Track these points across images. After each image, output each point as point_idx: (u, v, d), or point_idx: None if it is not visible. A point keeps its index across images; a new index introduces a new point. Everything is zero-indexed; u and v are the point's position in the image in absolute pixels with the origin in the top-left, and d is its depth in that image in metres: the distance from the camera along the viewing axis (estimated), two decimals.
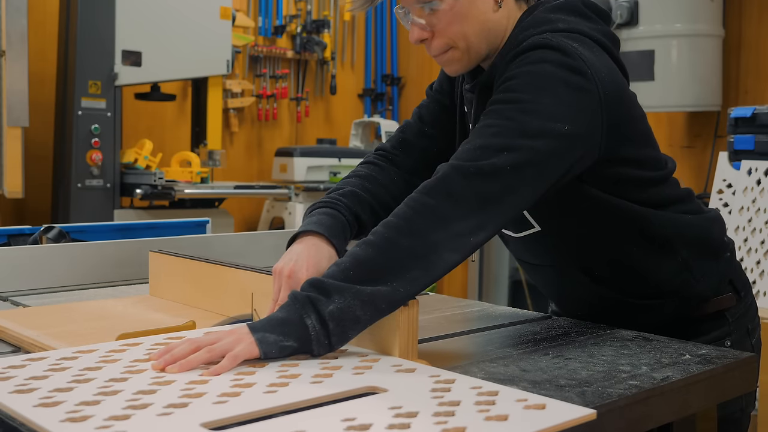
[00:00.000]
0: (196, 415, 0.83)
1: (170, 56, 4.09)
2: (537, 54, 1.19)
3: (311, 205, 1.33)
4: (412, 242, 1.08)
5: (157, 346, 1.08)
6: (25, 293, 1.64)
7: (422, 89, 5.70)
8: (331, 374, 0.98)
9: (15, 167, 3.66)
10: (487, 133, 1.16)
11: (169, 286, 1.54)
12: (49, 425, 0.79)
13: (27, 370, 0.99)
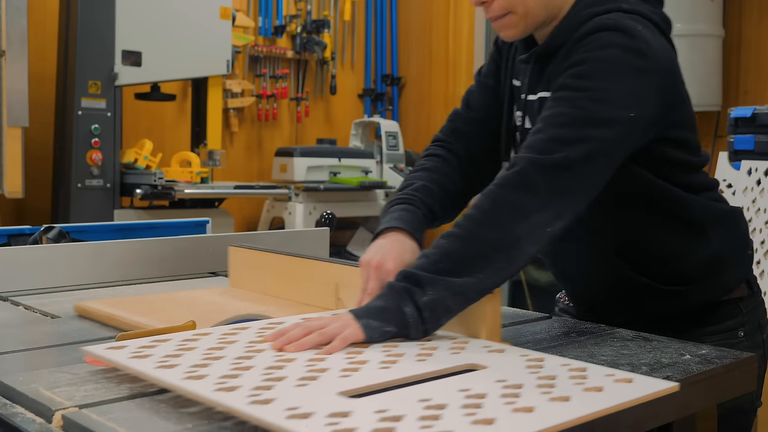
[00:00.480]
0: (328, 386, 0.91)
1: (170, 56, 4.09)
2: (605, 37, 1.23)
3: (389, 202, 1.40)
4: (495, 235, 1.15)
5: (263, 330, 1.18)
6: (25, 293, 1.64)
7: (422, 89, 5.71)
8: (431, 354, 1.06)
9: (15, 167, 3.67)
10: (559, 123, 1.21)
11: (250, 278, 1.62)
12: (204, 393, 0.88)
13: (158, 349, 1.06)
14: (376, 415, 0.82)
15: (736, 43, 4.41)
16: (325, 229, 2.14)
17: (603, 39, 1.23)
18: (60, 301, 1.56)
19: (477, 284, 1.14)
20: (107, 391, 0.94)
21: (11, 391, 0.95)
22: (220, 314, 1.33)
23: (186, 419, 0.86)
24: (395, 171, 5.18)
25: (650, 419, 1.00)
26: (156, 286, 1.76)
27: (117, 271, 1.80)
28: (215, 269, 1.95)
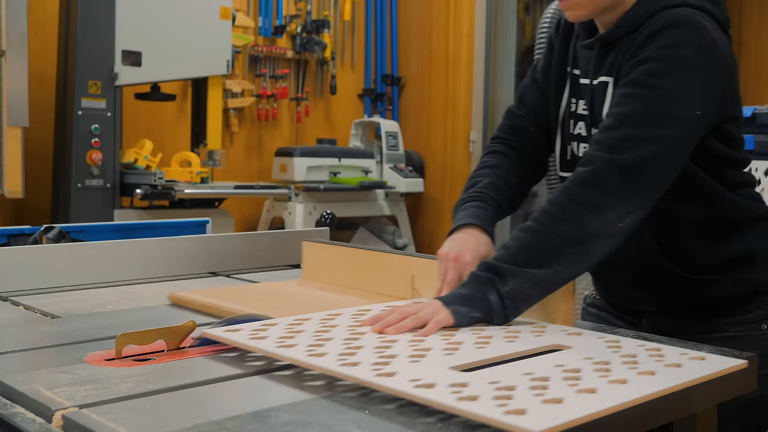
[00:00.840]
0: (438, 362, 1.01)
1: (170, 56, 4.09)
2: (678, 34, 1.28)
3: (460, 200, 1.51)
4: (570, 230, 1.23)
5: (355, 316, 1.28)
6: (25, 293, 1.64)
7: (422, 89, 5.71)
8: (517, 336, 1.17)
9: (15, 167, 3.67)
10: (633, 121, 1.27)
11: (323, 271, 1.72)
12: (331, 367, 0.98)
13: (271, 332, 1.16)
14: (491, 385, 0.92)
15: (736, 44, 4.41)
16: (325, 229, 2.14)
17: (676, 36, 1.28)
18: (60, 301, 1.56)
19: (554, 276, 1.23)
20: (107, 391, 0.94)
21: (11, 391, 0.95)
22: (307, 302, 1.47)
23: (187, 418, 0.86)
24: (395, 171, 5.18)
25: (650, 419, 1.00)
26: (156, 286, 1.76)
27: (117, 271, 1.80)
28: (215, 269, 1.95)
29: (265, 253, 2.03)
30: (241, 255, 1.99)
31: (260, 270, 2.01)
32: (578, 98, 1.48)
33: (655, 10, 1.33)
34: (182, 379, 1.01)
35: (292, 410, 0.88)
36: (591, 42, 1.43)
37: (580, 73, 1.47)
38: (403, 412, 0.89)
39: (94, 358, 1.12)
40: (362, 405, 0.91)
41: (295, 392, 0.96)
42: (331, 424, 0.84)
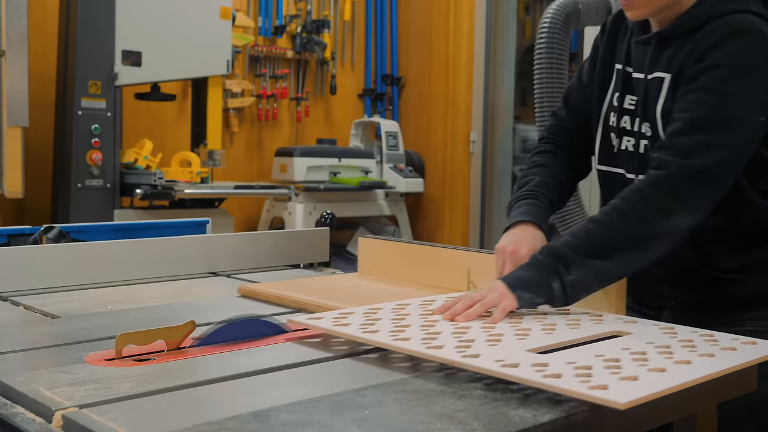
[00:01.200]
0: (514, 346, 1.09)
1: (170, 56, 4.09)
2: (744, 42, 1.33)
3: (514, 197, 1.57)
4: (639, 229, 1.31)
5: (423, 305, 1.37)
6: (25, 293, 1.64)
7: (422, 89, 5.71)
8: (579, 323, 1.25)
9: (15, 167, 3.67)
10: (703, 127, 1.33)
11: (379, 266, 1.79)
12: (419, 349, 1.06)
13: (352, 319, 1.25)
14: (569, 365, 0.99)
15: None
16: (325, 229, 2.14)
17: (743, 43, 1.33)
18: (60, 301, 1.56)
19: (614, 269, 1.32)
20: (107, 391, 0.94)
21: (11, 391, 0.95)
22: (371, 294, 1.56)
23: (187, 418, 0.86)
24: (395, 171, 5.18)
25: (650, 419, 1.00)
26: (156, 286, 1.76)
27: (117, 271, 1.80)
28: (215, 269, 1.95)
29: (265, 253, 2.03)
30: (241, 255, 1.99)
31: (260, 270, 2.01)
32: (625, 93, 1.52)
33: (717, 14, 1.38)
34: (182, 379, 1.01)
35: (292, 410, 0.88)
36: (648, 37, 1.47)
37: (632, 68, 1.52)
38: (403, 412, 0.89)
39: (94, 358, 1.12)
40: (441, 389, 0.91)
41: (299, 390, 0.96)
42: (331, 424, 0.84)
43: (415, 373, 1.05)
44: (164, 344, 1.16)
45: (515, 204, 1.56)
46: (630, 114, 1.51)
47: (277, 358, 1.13)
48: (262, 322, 1.25)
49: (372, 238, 1.84)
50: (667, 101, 1.43)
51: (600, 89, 1.59)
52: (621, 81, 1.53)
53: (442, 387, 0.99)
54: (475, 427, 0.84)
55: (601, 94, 1.59)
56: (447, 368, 1.08)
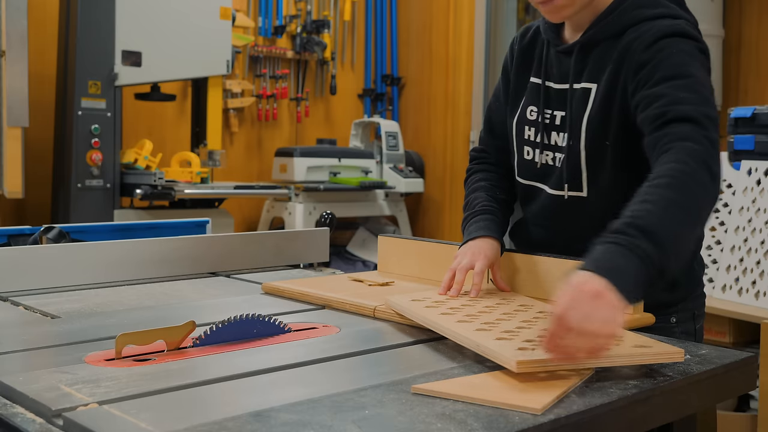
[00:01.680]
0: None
1: (170, 56, 4.09)
2: (676, 43, 1.37)
3: (467, 215, 1.60)
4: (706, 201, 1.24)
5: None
6: (25, 293, 1.64)
7: (422, 89, 5.71)
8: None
9: (15, 167, 3.67)
10: (698, 101, 1.31)
11: (398, 264, 1.82)
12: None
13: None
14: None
15: (736, 43, 4.42)
16: (325, 229, 2.14)
17: (678, 44, 1.37)
18: (60, 301, 1.56)
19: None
20: (107, 391, 0.94)
21: (11, 391, 0.95)
22: (394, 291, 1.59)
23: (187, 418, 0.86)
24: (395, 171, 5.18)
25: (650, 419, 1.00)
26: (156, 286, 1.76)
27: (117, 271, 1.80)
28: (215, 269, 1.95)
29: (265, 253, 2.03)
30: (241, 255, 1.99)
31: (260, 270, 2.01)
32: (543, 107, 1.55)
33: (636, 21, 1.42)
34: (182, 379, 1.01)
35: (292, 410, 0.88)
36: (570, 46, 1.50)
37: (553, 80, 1.54)
38: (402, 412, 0.89)
39: (94, 358, 1.12)
40: (371, 401, 0.91)
41: (299, 390, 0.96)
42: (331, 424, 0.84)
43: (416, 372, 1.05)
44: (164, 344, 1.16)
45: (470, 220, 1.58)
46: (546, 128, 1.54)
47: (277, 358, 1.13)
48: (263, 322, 1.25)
49: (391, 236, 1.86)
50: (593, 111, 1.45)
51: (513, 103, 1.62)
52: (536, 94, 1.56)
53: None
54: (475, 427, 0.84)
55: (514, 107, 1.62)
56: (447, 368, 1.08)
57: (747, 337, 2.94)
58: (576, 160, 1.48)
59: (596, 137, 1.45)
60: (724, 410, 2.90)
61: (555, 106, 1.53)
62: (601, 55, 1.45)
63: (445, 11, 5.53)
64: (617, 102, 1.42)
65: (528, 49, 1.61)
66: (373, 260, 4.98)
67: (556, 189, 1.53)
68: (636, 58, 1.39)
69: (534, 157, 1.57)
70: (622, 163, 1.45)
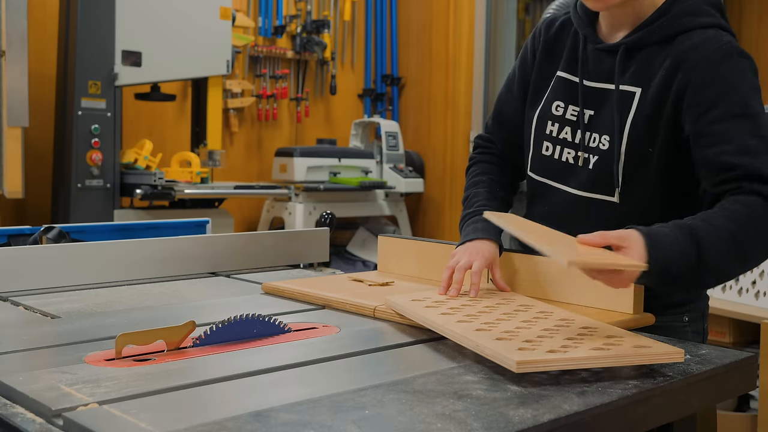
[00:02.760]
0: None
1: (170, 56, 4.09)
2: (736, 62, 1.37)
3: (465, 214, 1.60)
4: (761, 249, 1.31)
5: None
6: (25, 293, 1.64)
7: (422, 89, 5.71)
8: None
9: (15, 167, 3.67)
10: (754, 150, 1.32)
11: (398, 264, 1.82)
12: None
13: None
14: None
15: None
16: (325, 229, 2.14)
17: (739, 65, 1.37)
18: (60, 301, 1.56)
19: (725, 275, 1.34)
20: (107, 391, 0.94)
21: (11, 391, 0.95)
22: (394, 291, 1.58)
23: (187, 418, 0.86)
24: (395, 171, 5.18)
25: (650, 419, 1.00)
26: (156, 286, 1.76)
27: (117, 271, 1.80)
28: (215, 269, 1.95)
29: (265, 253, 2.03)
30: (241, 255, 1.99)
31: (260, 270, 2.01)
32: (569, 103, 1.51)
33: (688, 28, 1.41)
34: (182, 379, 1.01)
35: (292, 410, 0.88)
36: (613, 46, 1.47)
37: (587, 77, 1.50)
38: (402, 412, 0.89)
39: (94, 358, 1.12)
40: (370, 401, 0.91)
41: (299, 390, 0.96)
42: (331, 424, 0.84)
43: (416, 372, 1.05)
44: (164, 344, 1.16)
45: (468, 220, 1.57)
46: (571, 125, 1.50)
47: (277, 358, 1.13)
48: (263, 322, 1.25)
49: (391, 236, 1.86)
50: (637, 115, 1.42)
51: (534, 95, 1.58)
52: (565, 90, 1.52)
53: (442, 387, 0.99)
54: (475, 427, 0.84)
55: (535, 100, 1.58)
56: (447, 368, 1.08)
57: (747, 337, 2.94)
58: (613, 162, 1.44)
59: (639, 143, 1.42)
60: (724, 410, 2.90)
61: (585, 104, 1.49)
62: (648, 59, 1.43)
63: (445, 11, 5.53)
64: (667, 110, 1.40)
65: (554, 42, 1.57)
66: (373, 260, 4.98)
67: (581, 189, 1.49)
68: (697, 73, 1.37)
69: (554, 154, 1.53)
70: (662, 173, 1.43)
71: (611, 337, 1.13)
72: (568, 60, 1.54)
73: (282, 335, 1.26)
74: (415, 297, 1.41)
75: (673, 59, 1.40)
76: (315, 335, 1.28)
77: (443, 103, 5.57)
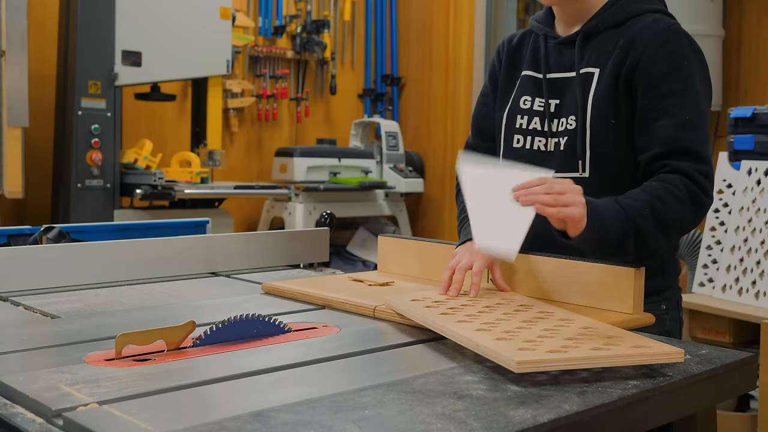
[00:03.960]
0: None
1: (170, 56, 4.09)
2: (682, 43, 1.52)
3: (463, 217, 1.64)
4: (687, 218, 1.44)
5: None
6: (25, 293, 1.64)
7: (422, 89, 5.71)
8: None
9: (15, 167, 3.67)
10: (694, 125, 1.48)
11: (399, 264, 1.82)
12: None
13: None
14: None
15: (736, 43, 4.41)
16: (325, 229, 2.14)
17: (682, 44, 1.51)
18: (60, 301, 1.56)
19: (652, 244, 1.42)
20: (107, 391, 0.94)
21: (11, 391, 0.95)
22: (394, 291, 1.58)
23: (187, 418, 0.86)
24: (395, 171, 5.18)
25: (650, 419, 1.00)
26: (156, 286, 1.76)
27: (117, 271, 1.80)
28: (215, 269, 1.95)
29: (265, 253, 2.03)
30: (241, 255, 1.99)
31: (260, 270, 2.01)
32: (535, 96, 1.63)
33: (637, 12, 1.57)
34: (182, 379, 1.01)
35: (292, 410, 0.88)
36: (571, 37, 1.61)
37: (551, 71, 1.62)
38: (402, 412, 0.89)
39: (94, 358, 1.12)
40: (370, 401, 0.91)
41: (299, 390, 0.96)
42: (331, 424, 0.84)
43: (416, 372, 1.05)
44: (164, 344, 1.16)
45: (467, 222, 1.59)
46: (539, 115, 1.61)
47: (277, 358, 1.13)
48: (263, 322, 1.25)
49: (391, 236, 1.87)
50: (597, 91, 1.54)
51: (502, 97, 1.70)
52: (530, 85, 1.64)
53: (442, 387, 0.99)
54: (475, 427, 0.84)
55: (503, 100, 1.69)
56: (447, 368, 1.08)
57: (747, 337, 2.94)
58: (580, 140, 1.54)
59: (601, 116, 1.53)
60: (724, 410, 2.90)
61: (550, 95, 1.61)
62: (603, 43, 1.57)
63: (445, 11, 5.53)
64: (621, 83, 1.53)
65: (517, 50, 1.74)
66: (373, 260, 4.98)
67: (553, 171, 1.54)
68: (648, 51, 1.51)
69: (525, 144, 1.63)
70: (625, 143, 1.53)
71: (611, 337, 1.13)
72: (530, 60, 1.67)
73: (282, 335, 1.26)
74: (414, 297, 1.41)
75: (626, 39, 1.54)
76: (315, 335, 1.28)
77: (443, 103, 5.57)
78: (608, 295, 1.41)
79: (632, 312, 1.38)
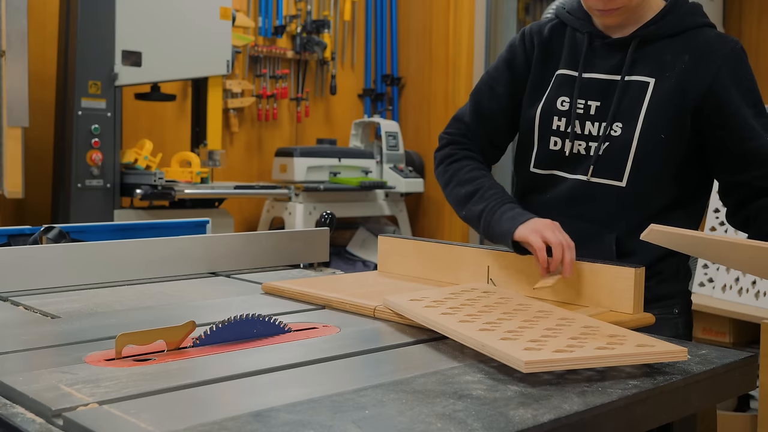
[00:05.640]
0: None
1: (170, 56, 4.09)
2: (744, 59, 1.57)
3: (493, 204, 1.57)
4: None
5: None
6: (25, 293, 1.64)
7: (422, 89, 5.71)
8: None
9: (15, 167, 3.67)
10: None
11: (400, 264, 1.82)
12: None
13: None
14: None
15: None
16: (325, 229, 2.14)
17: (745, 63, 1.55)
18: (60, 301, 1.56)
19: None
20: (107, 391, 0.94)
21: (11, 391, 0.95)
22: (394, 291, 1.56)
23: (187, 418, 0.86)
24: (395, 171, 5.18)
25: (650, 419, 1.00)
26: (156, 286, 1.76)
27: (117, 271, 1.80)
28: (215, 269, 1.95)
29: (265, 253, 2.03)
30: (241, 255, 1.99)
31: (260, 270, 2.01)
32: (574, 96, 1.57)
33: (695, 25, 1.54)
34: (182, 379, 1.01)
35: (292, 410, 0.88)
36: (624, 39, 1.55)
37: (593, 71, 1.57)
38: (402, 412, 0.89)
39: (94, 358, 1.12)
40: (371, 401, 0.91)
41: (299, 390, 0.96)
42: (331, 424, 0.84)
43: (416, 372, 1.05)
44: (164, 344, 1.16)
45: (499, 209, 1.55)
46: (579, 118, 1.56)
47: (277, 358, 1.13)
48: (263, 322, 1.25)
49: (391, 236, 1.86)
50: (653, 103, 1.49)
51: (532, 95, 1.64)
52: (567, 86, 1.59)
53: (442, 387, 0.99)
54: (475, 427, 0.84)
55: (534, 99, 1.63)
56: (447, 368, 1.08)
57: (747, 337, 2.94)
58: (625, 149, 1.51)
59: (652, 129, 1.49)
60: (724, 410, 2.90)
61: (591, 96, 1.56)
62: (660, 52, 1.53)
63: (445, 11, 5.53)
64: (687, 102, 1.49)
65: (549, 45, 1.64)
66: (373, 260, 4.98)
67: (589, 175, 1.55)
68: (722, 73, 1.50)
69: (563, 147, 1.59)
70: (670, 160, 1.51)
71: (614, 336, 1.13)
72: (569, 58, 1.60)
73: (282, 335, 1.26)
74: (413, 297, 1.40)
75: (691, 55, 1.50)
76: (315, 335, 1.28)
77: (443, 103, 5.57)
78: (608, 295, 1.41)
79: (632, 312, 1.38)
